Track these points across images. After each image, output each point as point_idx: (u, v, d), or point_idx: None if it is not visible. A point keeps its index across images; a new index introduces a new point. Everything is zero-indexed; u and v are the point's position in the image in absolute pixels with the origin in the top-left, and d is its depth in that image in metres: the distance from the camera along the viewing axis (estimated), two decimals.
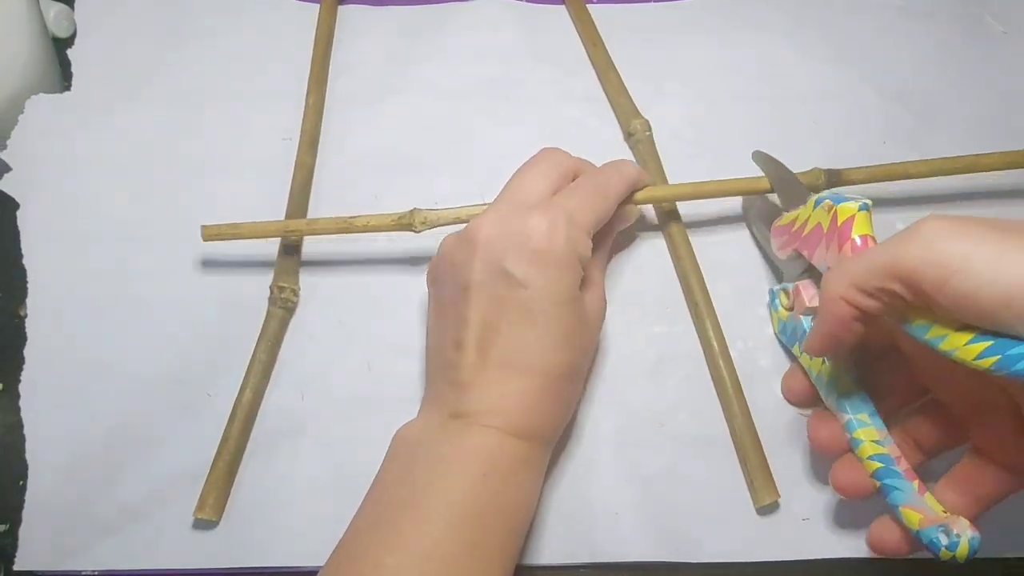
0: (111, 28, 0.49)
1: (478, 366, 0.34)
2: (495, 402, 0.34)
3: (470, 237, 0.35)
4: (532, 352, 0.34)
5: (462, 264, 0.35)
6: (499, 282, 0.34)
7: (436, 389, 0.36)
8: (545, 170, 0.37)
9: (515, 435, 0.33)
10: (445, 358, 0.35)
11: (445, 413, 0.34)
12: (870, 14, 0.50)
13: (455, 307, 0.35)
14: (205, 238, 0.41)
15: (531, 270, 0.34)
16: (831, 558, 0.38)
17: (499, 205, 0.36)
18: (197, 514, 0.37)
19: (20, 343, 0.41)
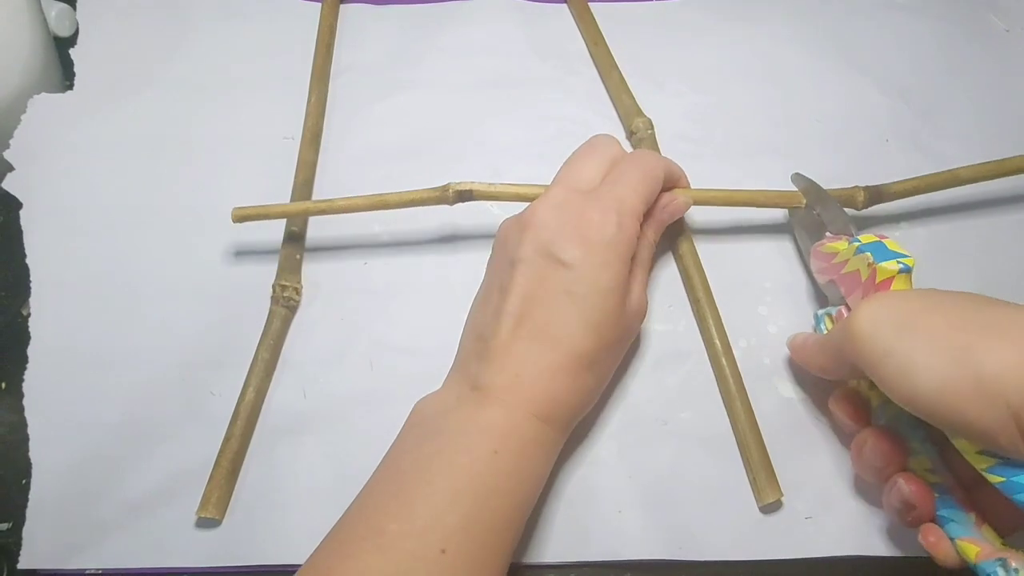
0: (113, 27, 0.49)
1: (509, 337, 0.35)
2: (514, 376, 0.34)
3: (525, 218, 0.37)
4: (562, 329, 0.35)
5: (514, 242, 0.36)
6: (545, 260, 0.35)
7: (464, 356, 0.37)
8: (598, 157, 0.39)
9: (530, 414, 0.34)
10: (481, 325, 0.36)
11: (466, 384, 0.35)
12: (873, 12, 0.50)
13: (500, 280, 0.36)
14: (235, 219, 0.41)
15: (577, 252, 0.35)
16: (834, 556, 0.38)
17: (555, 190, 0.37)
18: (200, 513, 0.37)
19: (23, 342, 0.41)
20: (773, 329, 0.42)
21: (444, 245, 0.44)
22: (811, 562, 0.38)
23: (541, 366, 0.34)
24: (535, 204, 0.37)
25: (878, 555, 0.38)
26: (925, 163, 0.46)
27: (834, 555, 0.38)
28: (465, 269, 0.42)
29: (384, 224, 0.44)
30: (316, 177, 0.45)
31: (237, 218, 0.41)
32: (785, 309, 0.43)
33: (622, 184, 0.37)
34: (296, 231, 0.43)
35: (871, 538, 0.38)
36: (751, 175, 0.45)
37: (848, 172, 0.45)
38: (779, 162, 0.46)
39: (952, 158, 0.46)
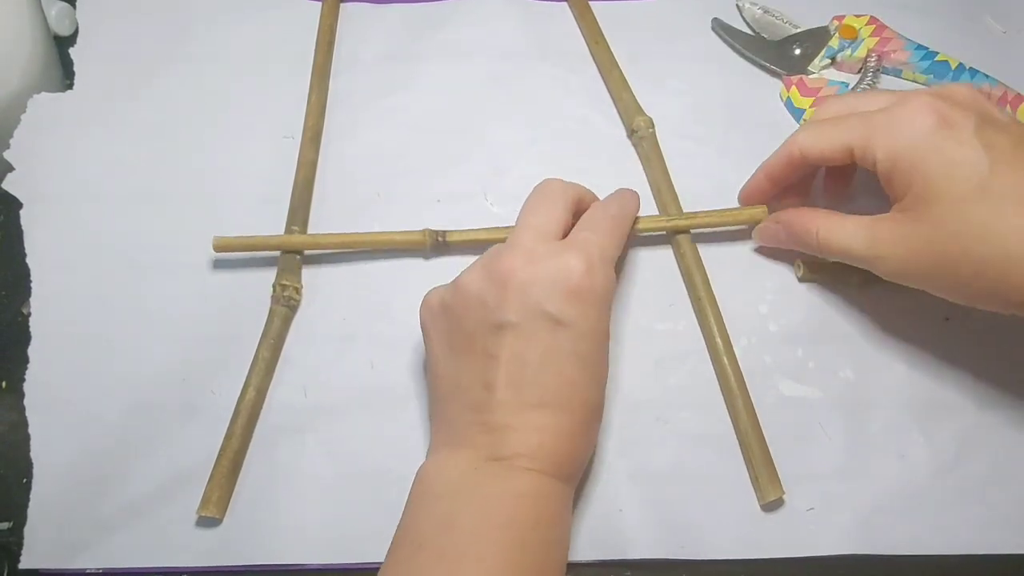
0: (113, 26, 0.49)
1: (514, 407, 0.33)
2: (537, 443, 0.33)
3: (501, 277, 0.34)
4: (572, 390, 0.34)
5: (494, 305, 0.34)
6: (539, 323, 0.33)
7: (460, 431, 0.34)
8: (555, 200, 0.37)
9: (557, 477, 0.33)
10: (471, 398, 0.34)
11: (480, 456, 0.33)
12: (871, 11, 0.50)
13: (483, 346, 0.34)
14: (216, 249, 0.41)
15: (573, 310, 0.33)
16: (835, 554, 0.38)
17: (523, 241, 0.35)
18: (201, 512, 0.37)
19: (24, 342, 0.41)
20: (774, 328, 0.42)
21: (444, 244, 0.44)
22: (812, 560, 0.38)
23: (561, 430, 0.33)
24: (507, 258, 0.34)
25: (879, 554, 0.38)
26: None
27: (835, 553, 0.38)
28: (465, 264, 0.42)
29: (382, 223, 0.44)
30: (316, 176, 0.45)
31: (218, 247, 0.41)
32: (786, 308, 0.43)
33: (598, 231, 0.36)
34: (297, 231, 0.43)
35: (872, 536, 0.38)
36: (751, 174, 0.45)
37: None
38: None
39: None
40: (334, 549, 0.38)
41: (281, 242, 0.42)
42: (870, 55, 0.48)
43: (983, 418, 0.40)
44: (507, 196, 0.45)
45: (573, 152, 0.46)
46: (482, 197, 0.45)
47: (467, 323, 0.34)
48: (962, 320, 0.42)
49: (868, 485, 0.39)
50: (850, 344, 0.42)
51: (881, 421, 0.40)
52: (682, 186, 0.45)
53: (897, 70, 0.48)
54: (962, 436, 0.40)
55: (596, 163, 0.46)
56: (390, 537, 0.33)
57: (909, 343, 0.42)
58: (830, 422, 0.40)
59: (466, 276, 0.35)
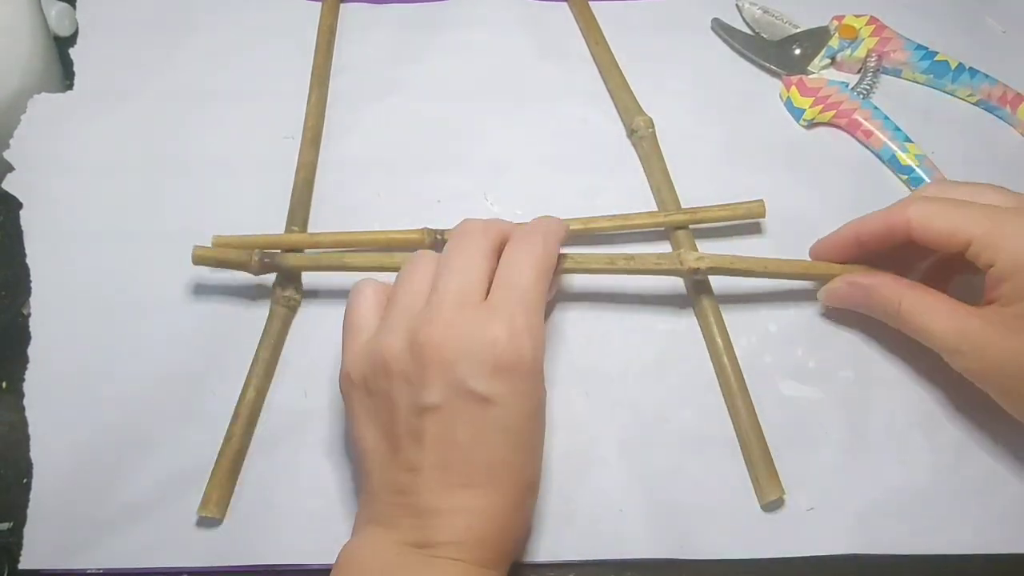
0: (113, 27, 0.49)
1: (440, 488, 0.31)
2: (464, 528, 0.31)
3: (421, 353, 0.31)
4: (503, 470, 0.32)
5: (416, 384, 0.32)
6: (464, 402, 0.31)
7: (385, 509, 0.32)
8: (474, 251, 0.34)
9: (487, 564, 0.31)
10: (395, 480, 0.32)
11: (402, 540, 0.31)
12: (871, 11, 0.50)
13: (407, 427, 0.32)
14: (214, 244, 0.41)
15: (500, 387, 0.31)
16: (836, 554, 0.38)
17: (443, 309, 0.32)
18: (201, 512, 0.37)
19: (24, 342, 0.41)
20: (774, 328, 0.42)
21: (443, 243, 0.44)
22: (812, 560, 0.38)
23: (491, 512, 0.32)
24: (426, 330, 0.32)
25: (879, 553, 0.38)
26: None
27: (835, 553, 0.38)
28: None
29: (382, 223, 0.44)
30: (316, 176, 0.45)
31: (218, 247, 0.41)
32: (786, 307, 0.43)
33: (519, 288, 0.33)
34: (296, 231, 0.43)
35: (873, 536, 0.38)
36: (752, 174, 0.45)
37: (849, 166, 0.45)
38: (780, 160, 0.46)
39: (948, 156, 0.46)
40: (334, 549, 0.37)
41: (280, 241, 0.42)
42: (870, 55, 0.48)
43: (983, 418, 0.40)
44: (507, 196, 0.45)
45: (573, 152, 0.46)
46: (482, 197, 0.45)
47: (390, 400, 0.32)
48: None
49: (868, 485, 0.39)
50: (850, 344, 0.42)
51: (881, 421, 0.40)
52: (682, 186, 0.45)
53: (897, 70, 0.48)
54: (962, 436, 0.40)
55: (596, 163, 0.46)
56: None
57: (909, 343, 0.41)
58: (830, 422, 0.40)
59: (386, 347, 0.32)
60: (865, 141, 0.46)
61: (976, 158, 0.46)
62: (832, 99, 0.47)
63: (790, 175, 0.46)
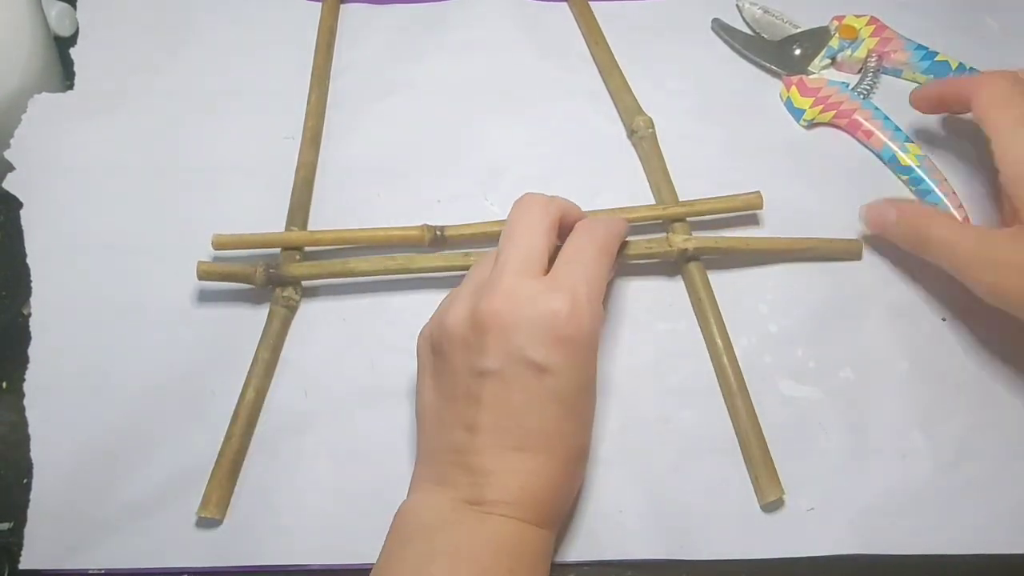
0: (113, 27, 0.49)
1: (495, 451, 0.33)
2: (517, 488, 0.32)
3: (482, 322, 0.33)
4: (555, 437, 0.33)
5: (476, 350, 0.33)
6: (521, 369, 0.33)
7: (442, 468, 0.34)
8: (536, 225, 0.36)
9: (536, 524, 0.33)
10: (453, 439, 0.34)
11: (458, 497, 0.33)
12: (871, 11, 0.50)
13: (466, 389, 0.33)
14: (216, 246, 0.41)
15: (557, 357, 0.33)
16: (835, 554, 0.38)
17: (504, 280, 0.34)
18: (201, 512, 0.37)
19: (24, 342, 0.41)
20: (774, 328, 0.42)
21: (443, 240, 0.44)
22: (812, 561, 0.38)
23: (543, 475, 0.33)
24: (488, 300, 0.33)
25: (880, 553, 0.38)
26: None
27: (835, 554, 0.38)
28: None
29: (383, 223, 0.44)
30: (316, 176, 0.45)
31: (218, 246, 0.41)
32: (786, 308, 0.43)
33: (583, 262, 0.35)
34: (295, 231, 0.43)
35: (873, 536, 0.38)
36: (751, 174, 0.45)
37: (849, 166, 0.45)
38: (780, 160, 0.46)
39: (948, 156, 0.46)
40: (334, 549, 0.38)
41: (280, 239, 0.42)
42: (870, 55, 0.48)
43: (982, 418, 0.40)
44: (507, 196, 0.45)
45: (573, 152, 0.46)
46: (482, 197, 0.45)
47: (452, 363, 0.34)
48: (960, 320, 0.42)
49: (868, 485, 0.39)
50: (850, 344, 0.42)
51: (881, 421, 0.40)
52: (682, 186, 0.45)
53: (897, 70, 0.48)
54: (962, 436, 0.40)
55: (596, 163, 0.46)
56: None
57: (908, 343, 0.42)
58: (830, 422, 0.40)
59: (451, 315, 0.34)
60: (865, 141, 0.46)
61: (977, 159, 0.46)
62: (832, 99, 0.47)
63: (790, 174, 0.46)
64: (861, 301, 0.43)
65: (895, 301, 0.42)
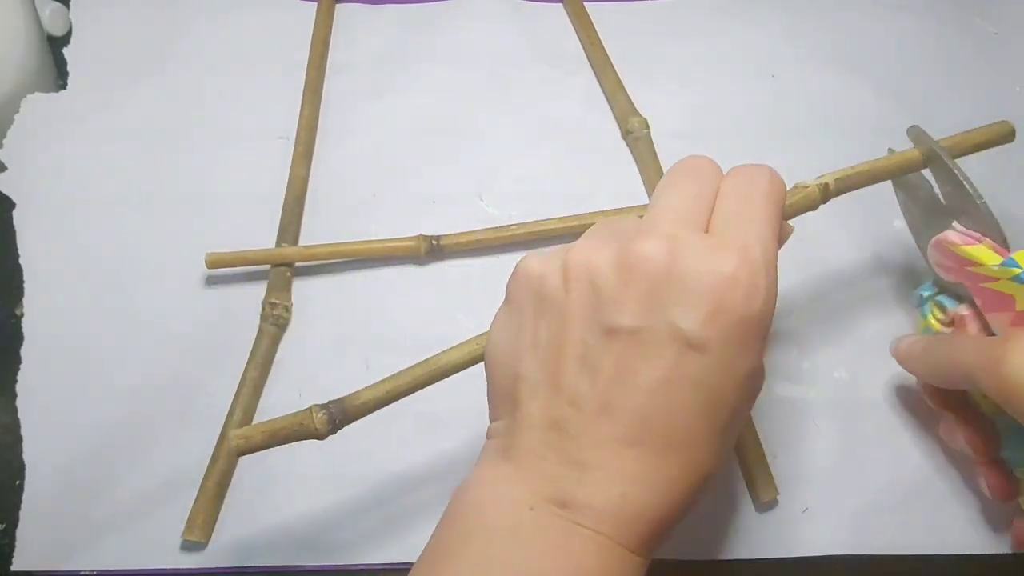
0: (106, 27, 0.49)
1: (601, 440, 0.26)
2: (619, 496, 0.25)
3: (630, 264, 0.26)
4: (683, 433, 0.26)
5: (611, 298, 0.26)
6: (663, 337, 0.25)
7: (530, 446, 0.26)
8: (706, 182, 0.29)
9: (632, 548, 0.26)
10: (552, 412, 0.26)
11: (544, 490, 0.26)
12: (865, 12, 0.50)
13: (582, 349, 0.26)
14: (209, 265, 0.41)
15: (714, 331, 0.25)
16: (831, 555, 0.38)
17: (662, 225, 0.27)
18: (186, 536, 0.37)
19: (17, 343, 0.40)
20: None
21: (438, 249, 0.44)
22: (807, 561, 0.38)
23: (653, 483, 0.26)
24: (640, 241, 0.26)
25: (875, 554, 0.38)
26: None
27: (830, 554, 0.38)
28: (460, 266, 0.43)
29: (378, 223, 0.44)
30: (311, 175, 0.45)
31: (211, 264, 0.41)
32: (780, 308, 0.42)
33: (753, 218, 0.27)
34: (287, 245, 0.43)
35: (868, 537, 0.38)
36: None
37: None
38: (774, 160, 0.46)
39: None
40: (328, 551, 0.37)
41: (273, 256, 0.42)
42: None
43: None
44: (502, 197, 0.45)
45: (568, 153, 0.47)
46: (477, 198, 0.45)
47: (568, 310, 0.26)
48: None
49: (863, 485, 0.39)
50: (844, 345, 0.42)
51: (875, 421, 0.40)
52: None
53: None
54: None
55: (591, 164, 0.46)
56: (385, 538, 0.33)
57: None
58: (824, 423, 0.40)
59: (583, 248, 0.27)
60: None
61: None
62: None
63: None
64: (855, 302, 0.43)
65: (889, 302, 0.42)
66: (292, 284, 0.43)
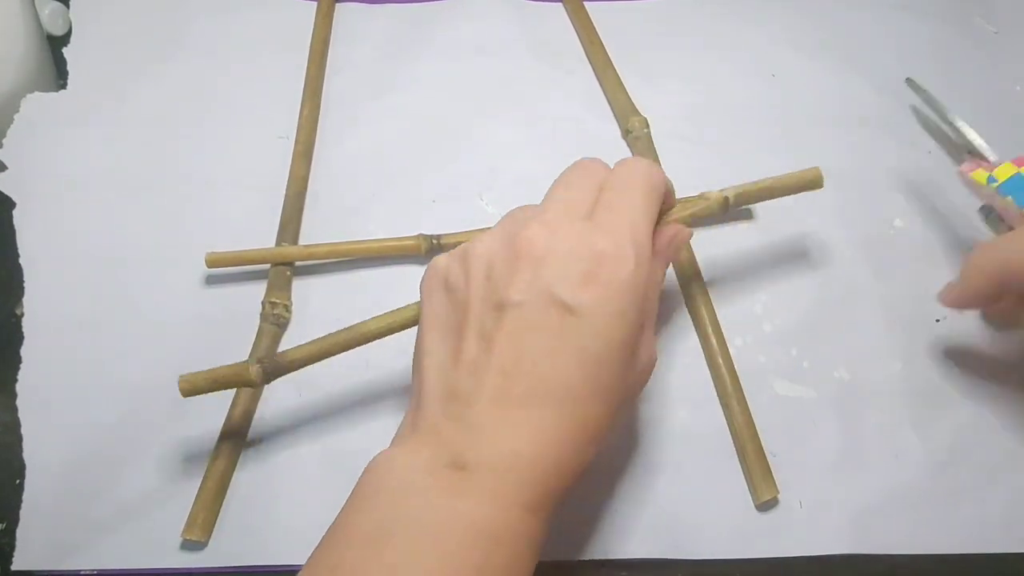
0: (106, 26, 0.49)
1: (496, 403, 0.28)
2: (511, 453, 0.28)
3: (515, 248, 0.30)
4: (566, 392, 0.28)
5: (500, 279, 0.29)
6: (548, 305, 0.29)
7: (431, 418, 0.29)
8: (588, 180, 0.33)
9: (526, 507, 0.28)
10: (452, 383, 0.29)
11: (441, 456, 0.28)
12: (865, 11, 0.50)
13: (479, 325, 0.29)
14: (209, 264, 0.41)
15: (588, 297, 0.29)
16: (830, 554, 0.38)
17: (546, 215, 0.31)
18: (185, 535, 0.37)
19: (17, 342, 0.41)
20: (768, 328, 0.42)
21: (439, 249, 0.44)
22: (807, 560, 0.38)
23: (543, 440, 0.28)
24: (526, 230, 0.30)
25: (874, 552, 0.38)
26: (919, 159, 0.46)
27: (830, 553, 0.38)
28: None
29: (378, 223, 0.44)
30: (311, 174, 0.45)
31: (211, 263, 0.41)
32: (780, 307, 0.43)
33: (627, 205, 0.31)
34: (287, 244, 0.43)
35: (867, 536, 0.38)
36: (746, 174, 0.45)
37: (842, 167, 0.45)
38: (774, 160, 0.46)
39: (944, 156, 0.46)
40: None
41: (274, 255, 0.42)
42: None
43: (976, 417, 0.40)
44: (502, 196, 0.45)
45: (568, 152, 0.46)
46: (477, 197, 0.45)
47: (468, 294, 0.30)
48: (953, 321, 0.42)
49: (863, 484, 0.39)
50: (844, 344, 0.42)
51: (875, 420, 0.40)
52: (677, 187, 0.44)
53: None
54: (955, 435, 0.40)
55: None
56: None
57: (902, 344, 0.42)
58: (824, 421, 0.40)
59: (478, 243, 0.31)
60: None
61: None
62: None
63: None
64: (855, 301, 0.43)
65: (889, 301, 0.43)
66: (292, 283, 0.43)
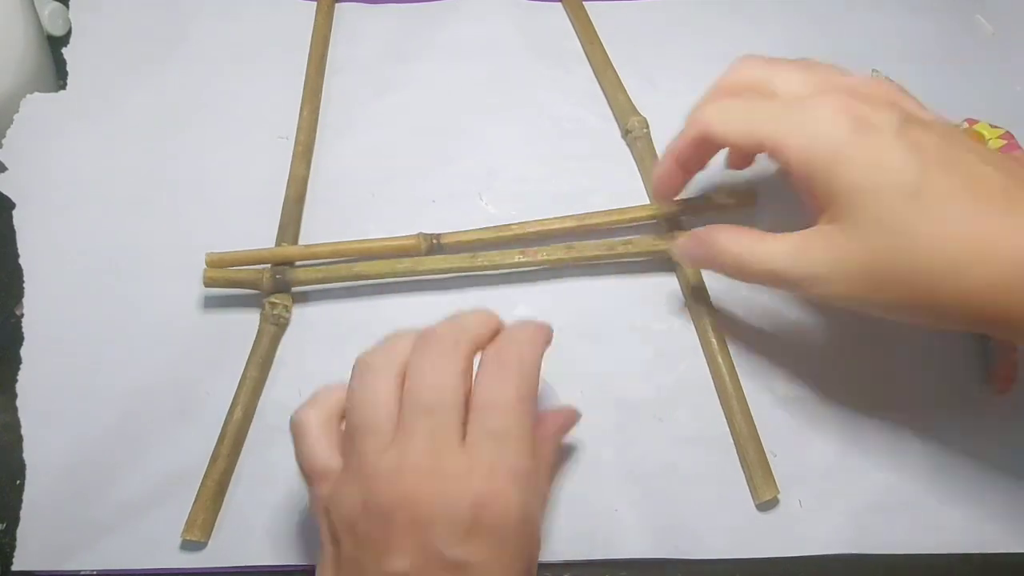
0: (106, 26, 0.49)
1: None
2: None
3: (383, 512, 0.27)
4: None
5: (379, 547, 0.27)
6: (438, 568, 0.27)
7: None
8: (449, 373, 0.29)
9: None
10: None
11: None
12: (864, 10, 0.50)
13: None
14: (209, 264, 0.41)
15: (479, 550, 0.27)
16: (831, 554, 0.38)
17: (409, 454, 0.28)
18: (185, 535, 0.37)
19: (17, 343, 0.40)
20: (769, 327, 0.42)
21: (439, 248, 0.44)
22: (807, 560, 0.38)
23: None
24: (386, 484, 0.27)
25: (874, 553, 0.38)
26: None
27: (831, 553, 0.38)
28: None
29: (377, 223, 0.44)
30: (310, 175, 0.45)
31: (211, 263, 0.41)
32: (781, 307, 0.43)
33: (494, 419, 0.29)
34: (287, 244, 0.43)
35: (868, 536, 0.38)
36: (746, 173, 0.45)
37: None
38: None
39: None
40: None
41: (274, 255, 0.42)
42: None
43: (977, 418, 0.40)
44: (502, 196, 0.45)
45: (567, 152, 0.47)
46: (477, 197, 0.45)
47: (354, 560, 0.28)
48: None
49: (863, 485, 0.39)
50: (844, 345, 0.42)
51: (875, 421, 0.40)
52: None
53: None
54: (956, 435, 0.40)
55: (590, 163, 0.46)
56: None
57: (902, 344, 0.42)
58: (825, 422, 0.40)
59: (347, 502, 0.28)
60: None
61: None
62: None
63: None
64: None
65: None
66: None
